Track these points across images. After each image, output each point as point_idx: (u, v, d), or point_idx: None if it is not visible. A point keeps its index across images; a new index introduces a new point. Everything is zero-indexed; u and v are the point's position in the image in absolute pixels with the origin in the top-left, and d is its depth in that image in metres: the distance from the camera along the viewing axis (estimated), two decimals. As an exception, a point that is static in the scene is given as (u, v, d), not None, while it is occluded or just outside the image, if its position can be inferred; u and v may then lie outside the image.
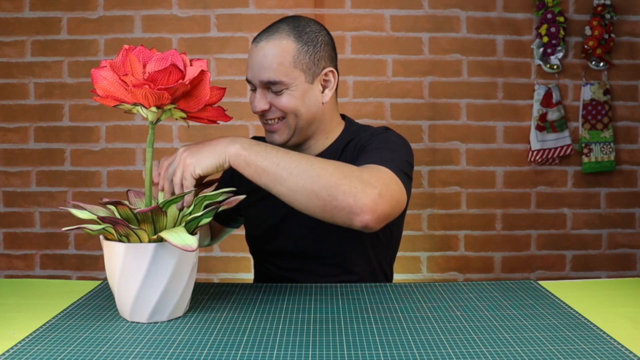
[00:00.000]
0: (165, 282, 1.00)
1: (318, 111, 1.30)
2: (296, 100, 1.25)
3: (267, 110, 1.27)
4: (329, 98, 1.30)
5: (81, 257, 2.56)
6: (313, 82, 1.27)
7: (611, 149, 2.51)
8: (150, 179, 1.04)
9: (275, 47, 1.24)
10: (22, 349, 0.90)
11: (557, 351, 0.89)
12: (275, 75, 1.23)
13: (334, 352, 0.90)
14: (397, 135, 1.31)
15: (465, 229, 2.56)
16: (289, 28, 1.27)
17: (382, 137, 1.27)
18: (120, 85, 0.98)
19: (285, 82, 1.24)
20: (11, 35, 2.49)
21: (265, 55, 1.24)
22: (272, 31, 1.27)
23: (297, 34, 1.26)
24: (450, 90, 2.52)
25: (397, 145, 1.25)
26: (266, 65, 1.23)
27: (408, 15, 2.50)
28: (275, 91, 1.25)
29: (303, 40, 1.26)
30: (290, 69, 1.24)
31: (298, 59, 1.24)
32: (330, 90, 1.30)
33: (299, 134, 1.30)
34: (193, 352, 0.90)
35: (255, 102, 1.27)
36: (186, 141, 2.52)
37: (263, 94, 1.26)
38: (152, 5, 2.49)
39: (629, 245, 2.58)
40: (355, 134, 1.34)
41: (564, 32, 2.46)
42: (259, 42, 1.26)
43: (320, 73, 1.28)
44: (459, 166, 2.54)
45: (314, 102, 1.28)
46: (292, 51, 1.24)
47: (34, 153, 2.54)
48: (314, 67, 1.26)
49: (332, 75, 1.30)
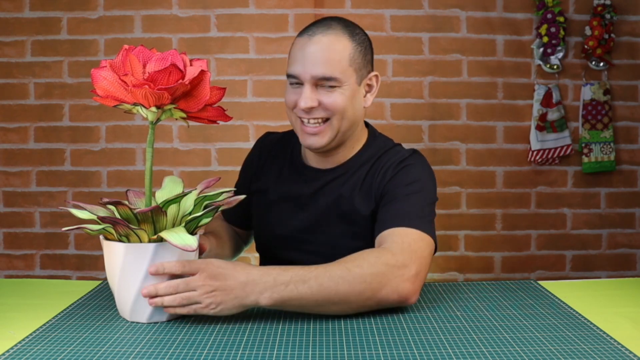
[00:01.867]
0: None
1: (360, 115, 1.27)
2: (346, 100, 1.21)
3: (314, 108, 1.21)
4: (370, 103, 1.28)
5: (81, 257, 2.56)
6: (360, 84, 1.24)
7: (611, 149, 2.51)
8: (151, 179, 1.04)
9: (333, 42, 1.19)
10: (22, 349, 0.90)
11: (557, 351, 0.89)
12: (333, 71, 1.18)
13: (334, 352, 0.90)
14: (422, 166, 1.27)
15: (465, 229, 2.56)
16: (342, 26, 1.22)
17: (408, 175, 1.23)
18: (120, 85, 0.98)
19: (340, 80, 1.19)
20: (11, 35, 2.49)
21: (322, 49, 1.18)
22: (326, 26, 1.22)
23: (350, 33, 1.22)
24: (450, 90, 2.52)
25: (423, 182, 1.23)
26: (322, 60, 1.18)
27: (408, 15, 2.50)
28: (328, 87, 1.19)
29: (356, 40, 1.23)
30: (346, 66, 1.20)
31: (353, 57, 1.21)
32: (372, 95, 1.28)
33: (340, 138, 1.25)
34: (193, 352, 0.90)
35: (302, 98, 1.20)
36: (186, 141, 2.52)
37: (312, 90, 1.20)
38: (152, 5, 2.49)
39: (629, 245, 2.58)
40: (379, 150, 1.30)
41: (564, 32, 2.46)
42: (314, 35, 1.20)
43: (367, 76, 1.26)
44: (459, 166, 2.54)
45: (359, 106, 1.25)
46: (349, 49, 1.21)
47: (34, 153, 2.54)
48: (364, 69, 1.24)
49: (376, 80, 1.28)
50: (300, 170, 1.34)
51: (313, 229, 1.29)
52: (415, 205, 1.18)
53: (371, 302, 1.04)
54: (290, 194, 1.32)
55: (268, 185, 1.36)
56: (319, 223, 1.28)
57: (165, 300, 0.99)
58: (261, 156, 1.41)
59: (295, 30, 2.48)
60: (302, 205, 1.30)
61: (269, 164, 1.39)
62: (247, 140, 2.51)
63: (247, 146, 2.50)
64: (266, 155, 1.40)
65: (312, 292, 1.00)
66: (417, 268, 1.08)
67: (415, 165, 1.25)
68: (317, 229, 1.29)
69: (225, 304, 0.99)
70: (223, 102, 1.06)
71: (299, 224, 1.30)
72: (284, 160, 1.37)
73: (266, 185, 1.36)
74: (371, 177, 1.27)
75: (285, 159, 1.37)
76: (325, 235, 1.28)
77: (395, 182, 1.22)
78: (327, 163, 1.31)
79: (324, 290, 1.01)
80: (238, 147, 2.51)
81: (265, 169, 1.38)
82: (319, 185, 1.30)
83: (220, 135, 2.51)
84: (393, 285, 1.04)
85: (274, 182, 1.35)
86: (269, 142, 1.43)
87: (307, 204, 1.30)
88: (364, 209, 1.25)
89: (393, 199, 1.20)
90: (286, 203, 1.32)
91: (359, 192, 1.26)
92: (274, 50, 2.50)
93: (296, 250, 1.31)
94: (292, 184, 1.33)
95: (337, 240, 1.27)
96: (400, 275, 1.05)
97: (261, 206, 1.37)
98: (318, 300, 1.01)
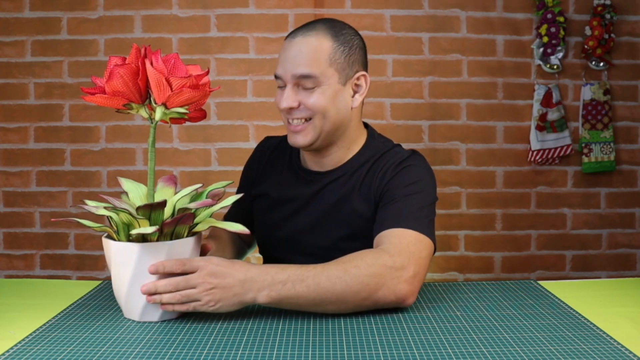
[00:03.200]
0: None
1: (346, 116, 1.26)
2: (327, 100, 1.22)
3: (295, 108, 1.22)
4: (358, 103, 1.27)
5: (81, 257, 2.56)
6: (345, 84, 1.24)
7: (611, 149, 2.51)
8: (153, 179, 1.04)
9: (311, 43, 1.21)
10: (22, 349, 0.90)
11: (557, 351, 0.89)
12: (310, 70, 1.20)
13: (334, 352, 0.90)
14: (422, 166, 1.27)
15: (465, 229, 2.56)
16: (326, 27, 1.24)
17: (407, 176, 1.23)
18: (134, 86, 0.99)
19: (318, 78, 1.20)
20: (11, 35, 2.49)
21: (301, 50, 1.21)
22: (309, 28, 1.24)
23: (334, 33, 1.23)
24: (450, 90, 2.52)
25: (423, 183, 1.23)
26: (301, 60, 1.20)
27: (408, 15, 2.50)
28: (307, 87, 1.21)
29: (339, 40, 1.23)
30: (325, 66, 1.21)
31: (334, 57, 1.22)
32: (361, 96, 1.27)
33: (324, 138, 1.25)
34: (193, 352, 0.90)
35: (283, 99, 1.22)
36: (186, 141, 2.52)
37: (293, 90, 1.22)
38: (152, 5, 2.49)
39: (629, 245, 2.58)
40: (378, 151, 1.30)
41: (564, 32, 2.46)
42: (295, 37, 1.23)
43: (353, 76, 1.25)
44: (459, 166, 2.54)
45: (343, 106, 1.25)
46: (328, 49, 1.21)
47: (34, 153, 2.54)
48: (348, 68, 1.24)
49: (364, 80, 1.27)
50: (299, 173, 1.34)
51: (313, 231, 1.29)
52: (414, 206, 1.18)
53: (368, 303, 1.05)
54: (290, 196, 1.33)
55: (268, 189, 1.36)
56: (319, 225, 1.29)
57: (164, 297, 1.00)
58: (261, 160, 1.42)
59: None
60: (301, 207, 1.31)
61: (269, 167, 1.40)
62: (247, 140, 2.51)
63: (247, 146, 2.51)
64: (266, 159, 1.41)
65: (309, 291, 1.01)
66: (415, 269, 1.08)
67: (415, 165, 1.25)
68: (316, 231, 1.29)
69: (224, 301, 1.00)
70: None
71: (299, 226, 1.31)
72: (283, 163, 1.38)
73: (267, 189, 1.37)
74: (370, 178, 1.27)
75: (284, 162, 1.38)
76: (325, 237, 1.28)
77: (395, 183, 1.22)
78: (325, 165, 1.31)
79: (321, 290, 1.02)
80: (238, 147, 2.51)
81: (266, 173, 1.39)
82: (318, 188, 1.30)
83: (220, 135, 2.51)
84: (390, 286, 1.05)
85: (274, 186, 1.36)
86: (268, 146, 1.44)
87: (306, 206, 1.30)
88: (363, 210, 1.25)
89: (392, 199, 1.20)
90: (286, 205, 1.33)
91: (358, 194, 1.26)
92: (274, 50, 2.49)
93: (296, 252, 1.31)
94: (292, 187, 1.33)
95: (337, 242, 1.27)
96: (398, 276, 1.06)
97: (262, 209, 1.37)
98: (315, 299, 1.02)
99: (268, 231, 1.36)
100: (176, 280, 0.99)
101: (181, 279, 0.99)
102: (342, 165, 1.30)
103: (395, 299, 1.06)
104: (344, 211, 1.27)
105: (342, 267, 1.04)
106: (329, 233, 1.28)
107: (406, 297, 1.06)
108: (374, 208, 1.24)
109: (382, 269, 1.05)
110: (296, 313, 1.07)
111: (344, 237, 1.27)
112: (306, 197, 1.31)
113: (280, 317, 1.05)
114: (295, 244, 1.32)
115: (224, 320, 1.04)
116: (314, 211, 1.29)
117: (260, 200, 1.38)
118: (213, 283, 0.99)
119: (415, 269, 1.08)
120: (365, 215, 1.25)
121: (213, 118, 2.50)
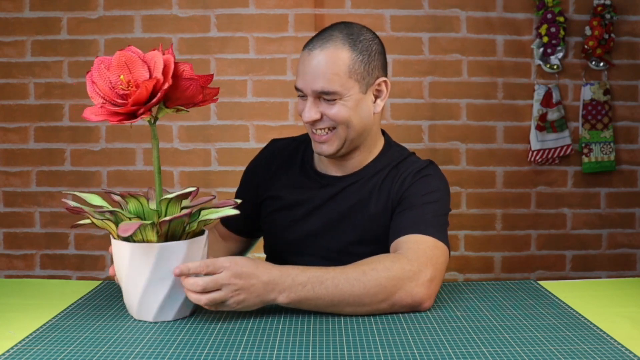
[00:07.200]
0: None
1: (369, 122, 1.27)
2: (349, 110, 1.21)
3: (318, 120, 1.23)
4: (380, 108, 1.28)
5: (81, 257, 2.56)
6: (366, 92, 1.24)
7: (611, 149, 2.51)
8: (160, 177, 1.04)
9: (330, 56, 1.20)
10: (22, 349, 0.90)
11: (557, 351, 0.89)
12: (330, 86, 1.19)
13: (334, 352, 0.90)
14: (439, 177, 1.29)
15: (465, 229, 2.56)
16: (343, 36, 1.22)
17: (426, 185, 1.25)
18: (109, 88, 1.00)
19: (339, 92, 1.20)
20: (11, 35, 2.49)
21: (319, 64, 1.19)
22: (326, 39, 1.22)
23: (352, 42, 1.22)
24: (450, 90, 2.52)
25: (440, 194, 1.25)
26: (320, 75, 1.19)
27: (408, 15, 2.50)
28: (328, 100, 1.21)
29: (358, 49, 1.22)
30: (345, 79, 1.20)
31: (353, 68, 1.21)
32: (382, 101, 1.27)
33: (348, 145, 1.26)
34: (194, 352, 0.90)
35: (305, 112, 1.23)
36: (186, 141, 2.51)
37: (315, 103, 1.22)
38: (152, 5, 2.49)
39: (629, 245, 2.58)
40: (395, 159, 1.31)
41: (564, 32, 2.46)
42: (313, 49, 1.21)
43: (374, 83, 1.25)
44: (459, 166, 2.54)
45: (366, 113, 1.25)
46: (347, 61, 1.20)
47: (34, 153, 2.54)
48: (368, 76, 1.23)
49: (385, 85, 1.27)
50: (312, 177, 1.34)
51: (325, 234, 1.30)
52: (431, 213, 1.20)
53: (385, 305, 1.06)
54: (303, 199, 1.32)
55: (279, 192, 1.36)
56: (332, 228, 1.29)
57: (192, 297, 1.01)
58: (270, 164, 1.40)
59: (295, 30, 2.49)
60: (314, 210, 1.31)
61: (280, 170, 1.38)
62: (247, 140, 2.51)
63: (247, 146, 2.51)
64: (276, 162, 1.40)
65: (328, 292, 1.03)
66: (432, 274, 1.09)
67: (433, 176, 1.28)
68: (329, 234, 1.29)
69: (247, 301, 1.02)
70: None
71: (311, 229, 1.31)
72: (294, 166, 1.38)
73: (277, 192, 1.36)
74: (389, 184, 1.28)
75: (295, 165, 1.37)
76: (337, 241, 1.29)
77: (414, 190, 1.24)
78: (342, 170, 1.32)
79: (339, 292, 1.03)
80: (238, 147, 2.51)
81: (276, 176, 1.38)
82: (333, 192, 1.30)
83: (220, 135, 2.51)
84: (407, 289, 1.06)
85: (285, 188, 1.35)
86: (276, 149, 1.42)
87: (320, 210, 1.31)
88: (378, 215, 1.26)
89: (410, 206, 1.22)
90: (298, 208, 1.33)
91: (374, 199, 1.27)
92: (274, 50, 2.50)
93: (306, 254, 1.31)
94: (305, 190, 1.33)
95: (348, 246, 1.28)
96: (416, 279, 1.07)
97: (273, 212, 1.37)
98: (333, 301, 1.04)
99: (278, 233, 1.36)
100: (204, 281, 0.99)
101: (210, 279, 1.00)
102: (358, 171, 1.31)
103: (412, 302, 1.07)
104: (357, 215, 1.28)
105: (361, 270, 1.06)
106: (341, 236, 1.29)
107: (423, 300, 1.07)
108: (390, 214, 1.26)
109: (400, 272, 1.06)
110: (296, 313, 1.07)
111: (355, 241, 1.28)
112: (321, 200, 1.31)
113: (280, 317, 1.06)
114: (306, 246, 1.32)
115: (224, 320, 1.04)
116: (328, 214, 1.30)
117: (271, 203, 1.37)
118: (238, 284, 1.00)
119: (432, 273, 1.09)
120: (380, 220, 1.26)
121: (213, 118, 2.50)
